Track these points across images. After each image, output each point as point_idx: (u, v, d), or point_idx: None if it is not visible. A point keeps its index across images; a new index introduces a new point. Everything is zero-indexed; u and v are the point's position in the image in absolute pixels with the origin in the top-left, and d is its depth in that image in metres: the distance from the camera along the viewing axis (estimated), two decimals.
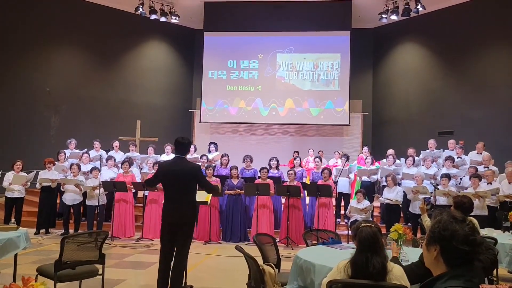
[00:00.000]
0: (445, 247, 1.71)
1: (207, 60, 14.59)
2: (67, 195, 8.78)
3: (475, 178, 7.72)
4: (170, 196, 4.85)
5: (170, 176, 4.81)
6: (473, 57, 12.51)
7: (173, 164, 4.86)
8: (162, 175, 4.94)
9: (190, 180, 4.83)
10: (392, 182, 8.45)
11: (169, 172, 4.82)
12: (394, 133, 14.12)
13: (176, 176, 4.77)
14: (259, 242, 4.48)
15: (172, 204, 4.77)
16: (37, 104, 12.78)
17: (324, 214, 8.37)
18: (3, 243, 4.21)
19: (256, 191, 8.43)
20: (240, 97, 14.42)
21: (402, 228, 3.81)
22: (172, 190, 4.82)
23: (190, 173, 4.82)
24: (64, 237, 4.23)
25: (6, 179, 8.65)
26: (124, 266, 6.54)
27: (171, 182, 4.82)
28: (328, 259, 3.58)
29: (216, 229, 8.74)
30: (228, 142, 13.30)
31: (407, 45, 14.32)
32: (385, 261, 2.70)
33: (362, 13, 14.20)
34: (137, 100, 14.51)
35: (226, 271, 6.44)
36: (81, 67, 13.79)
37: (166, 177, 4.88)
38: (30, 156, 10.35)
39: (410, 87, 14.03)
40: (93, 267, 4.39)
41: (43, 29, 12.91)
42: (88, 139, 10.90)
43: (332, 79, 14.14)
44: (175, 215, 4.73)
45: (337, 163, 10.88)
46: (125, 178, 8.97)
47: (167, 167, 4.91)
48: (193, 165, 5.08)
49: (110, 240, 8.14)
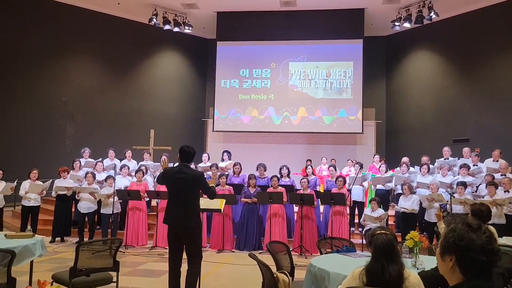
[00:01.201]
0: (461, 257, 1.63)
1: (219, 69, 14.68)
2: (82, 204, 8.86)
3: (491, 186, 7.60)
4: (173, 202, 4.92)
5: (175, 182, 4.88)
6: (488, 64, 12.38)
7: (178, 172, 4.92)
8: (167, 180, 5.00)
9: (194, 186, 4.90)
10: (408, 191, 8.36)
11: (174, 178, 4.89)
12: (408, 141, 14.00)
13: (180, 183, 4.84)
14: (273, 250, 4.46)
15: (175, 209, 4.84)
16: (53, 114, 12.98)
17: (338, 222, 8.30)
18: (19, 250, 4.25)
19: (269, 199, 8.41)
20: (252, 106, 14.46)
21: (418, 236, 3.76)
22: (176, 196, 4.90)
23: (194, 180, 4.89)
24: (79, 245, 4.26)
25: (23, 188, 8.77)
26: (138, 274, 6.56)
27: (175, 188, 4.89)
28: (343, 267, 3.55)
29: (230, 238, 8.72)
30: (240, 150, 13.31)
31: (420, 52, 14.24)
32: (402, 269, 2.65)
33: (375, 21, 14.18)
34: (151, 110, 14.64)
35: (239, 280, 6.41)
36: (96, 77, 13.99)
37: (171, 183, 4.95)
38: (46, 165, 10.47)
39: (423, 95, 13.92)
40: (108, 275, 4.41)
41: (59, 41, 13.15)
42: (103, 148, 11.01)
43: (345, 87, 14.10)
44: (179, 219, 4.78)
45: (350, 171, 10.81)
46: (138, 186, 9.02)
47: (172, 173, 4.96)
48: (197, 172, 5.18)
49: (124, 248, 8.17)
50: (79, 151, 10.66)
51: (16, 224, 9.48)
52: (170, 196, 5.02)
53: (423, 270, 3.24)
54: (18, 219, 9.63)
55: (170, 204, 4.93)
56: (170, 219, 4.83)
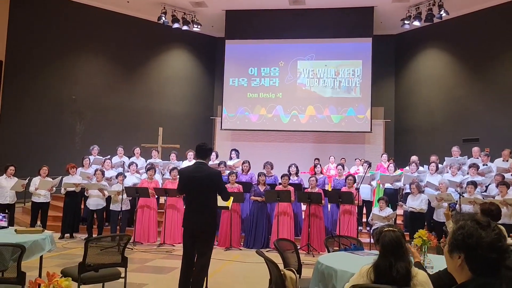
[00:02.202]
0: (470, 255, 1.59)
1: (228, 67, 14.70)
2: (90, 200, 8.93)
3: (502, 186, 7.53)
4: (191, 202, 4.89)
5: (192, 182, 4.84)
6: (498, 63, 12.26)
7: (194, 170, 4.89)
8: (184, 182, 4.97)
9: (211, 185, 4.85)
10: (416, 190, 8.31)
11: (191, 178, 4.85)
12: (417, 141, 13.92)
13: (197, 182, 4.79)
14: (280, 247, 4.46)
15: (193, 210, 4.80)
16: (62, 112, 13.09)
17: (347, 221, 8.28)
18: (29, 245, 4.30)
19: (277, 197, 8.41)
20: (261, 105, 14.46)
21: (426, 234, 3.74)
22: (194, 196, 4.86)
23: (211, 178, 4.85)
24: (88, 240, 4.30)
25: (33, 184, 8.86)
26: (146, 270, 6.59)
27: (192, 188, 4.85)
28: (350, 265, 3.54)
29: (237, 236, 8.73)
30: (248, 149, 13.32)
31: (430, 51, 14.13)
32: (409, 266, 2.64)
33: (384, 20, 14.11)
34: (160, 108, 14.70)
35: (246, 277, 6.42)
36: (105, 75, 14.08)
37: (188, 183, 4.91)
38: (55, 162, 10.55)
39: (433, 94, 13.83)
40: (116, 270, 4.45)
41: (68, 39, 13.24)
42: (112, 145, 11.08)
43: (353, 86, 14.05)
44: (196, 222, 4.75)
45: (358, 170, 10.77)
46: (149, 184, 9.06)
47: (188, 173, 4.94)
48: (214, 171, 5.13)
49: (133, 245, 8.22)
50: (88, 149, 10.74)
51: (26, 220, 9.57)
52: (188, 198, 4.99)
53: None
54: (28, 215, 9.73)
55: (188, 208, 4.89)
56: (189, 224, 4.79)
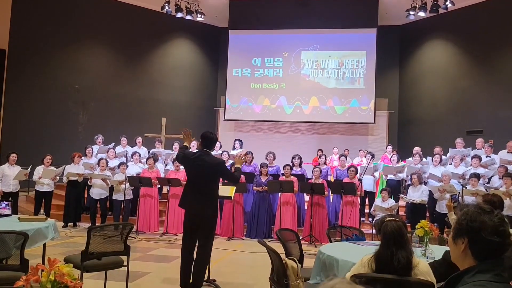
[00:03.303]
0: (473, 239, 1.63)
1: (231, 58, 14.64)
2: (94, 189, 8.97)
3: (507, 178, 7.49)
4: (191, 188, 4.88)
5: (193, 168, 4.84)
6: (503, 55, 12.15)
7: (198, 158, 4.87)
8: (185, 163, 4.97)
9: (213, 174, 4.86)
10: (417, 181, 8.29)
11: (194, 164, 4.84)
12: (420, 132, 13.86)
13: (200, 169, 4.79)
14: (283, 237, 4.47)
15: (193, 195, 4.80)
16: (66, 101, 13.09)
17: (349, 212, 8.29)
18: (32, 233, 4.32)
19: (280, 188, 8.42)
20: (264, 95, 14.42)
21: (428, 225, 3.74)
22: (194, 183, 4.86)
23: (214, 167, 4.84)
24: (91, 228, 4.32)
25: (36, 173, 8.89)
26: (149, 259, 6.64)
27: (195, 174, 4.85)
28: (352, 255, 3.55)
29: (240, 226, 8.76)
30: (252, 139, 13.31)
31: (435, 42, 14.02)
32: (411, 256, 2.65)
33: (389, 10, 13.98)
34: (163, 98, 14.69)
35: (249, 266, 6.45)
36: (109, 65, 14.06)
37: (189, 168, 4.91)
38: (58, 151, 10.58)
39: (437, 86, 13.74)
40: (119, 259, 4.47)
41: (72, 28, 13.21)
42: (115, 135, 11.10)
43: (357, 77, 13.98)
44: (196, 206, 4.76)
45: (362, 161, 10.75)
46: (150, 173, 9.09)
47: (192, 159, 4.92)
48: (218, 160, 5.14)
49: (135, 234, 8.27)
50: (91, 138, 10.76)
51: (30, 208, 9.63)
52: (188, 182, 5.01)
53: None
54: (31, 204, 9.79)
55: (187, 190, 4.90)
56: (186, 205, 4.82)
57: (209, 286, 5.13)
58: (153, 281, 5.48)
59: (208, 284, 5.12)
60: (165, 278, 5.58)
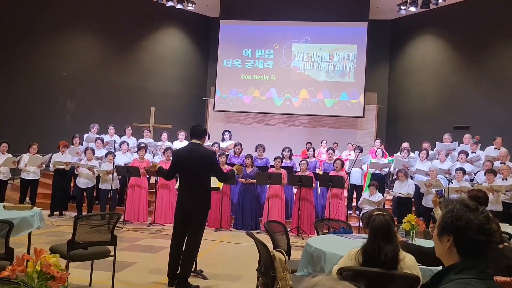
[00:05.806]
0: (459, 237, 1.62)
1: (222, 48, 14.56)
2: (80, 179, 8.89)
3: (490, 174, 7.60)
4: (185, 183, 4.89)
5: (186, 163, 4.84)
6: (493, 51, 12.27)
7: (189, 151, 4.87)
8: (178, 164, 4.96)
9: (205, 166, 4.85)
10: (404, 177, 8.36)
11: (185, 159, 4.84)
12: (409, 127, 13.97)
13: (192, 163, 4.79)
14: (270, 229, 4.48)
15: (187, 191, 4.82)
16: (53, 89, 12.90)
17: (336, 205, 8.35)
18: (17, 221, 4.27)
19: (268, 180, 8.43)
20: (254, 87, 14.38)
21: (415, 219, 3.77)
22: (188, 177, 4.87)
23: (205, 159, 4.84)
24: (77, 218, 4.28)
25: (22, 161, 8.77)
26: (136, 249, 6.61)
27: (187, 169, 4.86)
28: (339, 248, 3.57)
29: (227, 217, 8.76)
30: (241, 131, 13.28)
31: (425, 37, 14.10)
32: (397, 250, 2.68)
33: (380, 4, 14.00)
34: (152, 87, 14.56)
35: (236, 258, 6.47)
36: (97, 52, 13.87)
37: (182, 164, 4.90)
38: (45, 140, 10.46)
39: (426, 81, 13.84)
40: (105, 248, 4.45)
41: (60, 15, 12.98)
42: (103, 124, 10.97)
43: (347, 70, 14.01)
44: (190, 203, 4.78)
45: (350, 155, 10.81)
46: (140, 163, 9.02)
47: (183, 154, 4.92)
48: (209, 151, 5.13)
49: (123, 224, 8.22)
50: (78, 126, 10.66)
51: (15, 197, 9.51)
52: (182, 180, 5.04)
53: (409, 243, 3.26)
54: (17, 192, 9.66)
55: (182, 188, 4.95)
56: (182, 204, 4.85)
57: (196, 277, 5.13)
58: (140, 271, 5.47)
59: (195, 275, 5.12)
60: (152, 269, 5.57)
